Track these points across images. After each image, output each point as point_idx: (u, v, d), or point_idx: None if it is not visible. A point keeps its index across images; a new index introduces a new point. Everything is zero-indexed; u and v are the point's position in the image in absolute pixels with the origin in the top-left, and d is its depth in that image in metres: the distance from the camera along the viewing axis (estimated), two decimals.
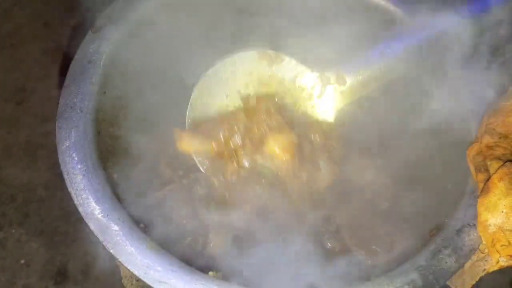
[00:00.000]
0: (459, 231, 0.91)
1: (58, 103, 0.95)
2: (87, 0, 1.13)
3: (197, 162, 1.09)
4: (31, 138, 1.65)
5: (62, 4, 1.96)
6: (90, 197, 0.85)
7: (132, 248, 0.81)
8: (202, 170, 1.09)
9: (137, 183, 1.12)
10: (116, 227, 0.82)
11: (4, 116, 1.70)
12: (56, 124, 0.90)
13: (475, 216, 0.91)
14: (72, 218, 1.50)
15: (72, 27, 1.89)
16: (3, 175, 1.58)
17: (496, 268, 0.89)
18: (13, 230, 1.48)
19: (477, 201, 0.91)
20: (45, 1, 1.99)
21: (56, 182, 1.56)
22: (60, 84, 0.98)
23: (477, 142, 0.99)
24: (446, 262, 0.87)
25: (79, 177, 0.86)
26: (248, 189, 1.08)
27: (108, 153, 1.04)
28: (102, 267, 1.41)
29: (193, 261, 0.87)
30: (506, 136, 0.95)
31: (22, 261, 1.44)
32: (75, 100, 0.93)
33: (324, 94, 1.16)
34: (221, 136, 1.07)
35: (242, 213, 1.06)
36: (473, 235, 0.90)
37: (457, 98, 1.12)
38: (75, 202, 0.84)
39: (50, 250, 1.46)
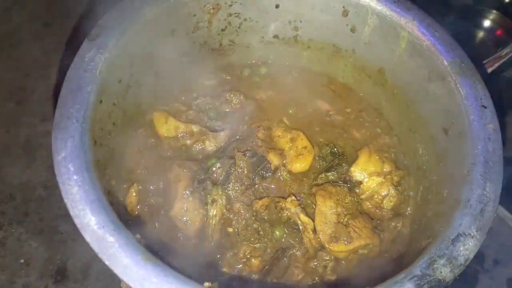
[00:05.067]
0: (454, 241, 0.91)
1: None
2: None
3: None
4: (30, 137, 1.66)
5: (62, 4, 1.96)
6: (86, 208, 0.85)
7: (128, 260, 0.81)
8: None
9: None
10: (111, 239, 0.82)
11: (4, 115, 1.70)
12: (52, 135, 0.90)
13: (470, 225, 0.92)
14: (71, 217, 1.50)
15: (72, 27, 1.89)
16: (2, 174, 1.58)
17: None
18: (13, 229, 1.48)
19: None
20: (45, 1, 1.99)
21: (55, 181, 1.55)
22: (59, 84, 0.97)
23: None
24: (441, 272, 0.87)
25: (75, 188, 0.86)
26: None
27: (106, 161, 1.05)
28: (101, 266, 1.42)
29: None
30: None
31: (22, 260, 1.44)
32: (71, 110, 0.93)
33: None
34: None
35: None
36: (468, 244, 0.90)
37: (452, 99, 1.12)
38: (71, 213, 0.85)
39: (49, 249, 1.46)
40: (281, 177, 1.20)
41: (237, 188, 1.14)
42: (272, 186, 1.20)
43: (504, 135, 1.06)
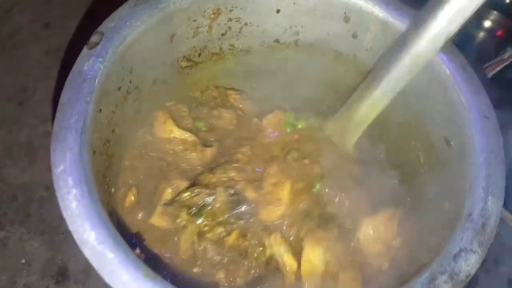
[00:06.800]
0: (456, 256, 0.90)
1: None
2: None
3: None
4: (32, 138, 1.66)
5: (62, 5, 1.97)
6: (85, 223, 0.84)
7: (128, 276, 0.80)
8: None
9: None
10: (111, 255, 0.81)
11: (5, 116, 1.70)
12: (51, 147, 0.88)
13: (472, 240, 0.91)
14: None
15: (73, 28, 1.89)
16: (4, 175, 1.59)
17: None
18: (14, 230, 1.49)
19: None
20: (46, 2, 1.98)
21: None
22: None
23: None
24: None
25: (74, 203, 0.85)
26: None
27: (105, 169, 1.04)
28: None
29: None
30: None
31: (23, 260, 1.45)
32: (70, 121, 0.91)
33: None
34: None
35: None
36: (470, 260, 0.90)
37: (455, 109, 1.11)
38: (70, 228, 0.84)
39: (51, 250, 1.47)
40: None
41: (207, 223, 1.11)
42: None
43: (505, 142, 1.05)
